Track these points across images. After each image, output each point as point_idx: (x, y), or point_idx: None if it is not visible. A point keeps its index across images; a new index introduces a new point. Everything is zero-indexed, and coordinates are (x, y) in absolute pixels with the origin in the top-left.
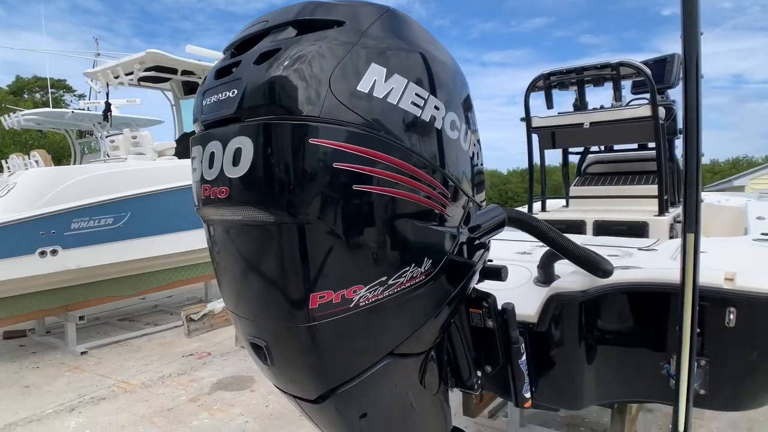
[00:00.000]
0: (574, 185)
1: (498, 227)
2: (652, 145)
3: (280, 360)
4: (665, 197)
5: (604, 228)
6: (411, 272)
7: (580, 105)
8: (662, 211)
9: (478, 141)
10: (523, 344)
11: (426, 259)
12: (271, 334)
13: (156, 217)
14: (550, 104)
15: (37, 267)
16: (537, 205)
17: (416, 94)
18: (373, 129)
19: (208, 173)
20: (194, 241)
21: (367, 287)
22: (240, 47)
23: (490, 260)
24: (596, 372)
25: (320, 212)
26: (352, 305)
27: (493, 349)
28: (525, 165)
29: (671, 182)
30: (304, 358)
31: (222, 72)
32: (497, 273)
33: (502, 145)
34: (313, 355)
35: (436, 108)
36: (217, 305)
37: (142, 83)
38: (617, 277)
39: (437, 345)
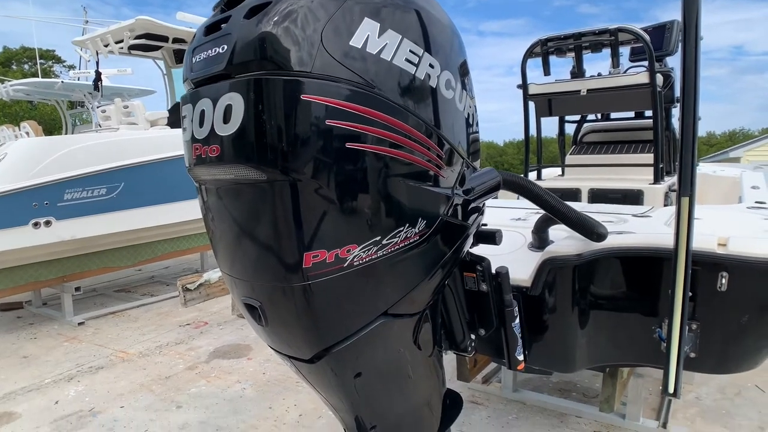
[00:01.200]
0: (570, 154)
1: (493, 190)
2: (648, 113)
3: (274, 320)
4: (661, 165)
5: (599, 196)
6: (405, 233)
7: (578, 72)
8: (657, 179)
9: (475, 107)
10: (516, 307)
11: (420, 219)
12: (265, 295)
13: (150, 187)
14: (547, 71)
15: (32, 238)
16: (533, 174)
17: (410, 51)
18: (366, 86)
19: (199, 132)
20: (189, 211)
21: (361, 247)
22: (230, 3)
23: (484, 224)
24: (589, 336)
25: (313, 170)
26: (346, 264)
27: (486, 312)
28: (521, 137)
29: (667, 151)
30: (298, 317)
31: (211, 28)
32: (491, 237)
33: (498, 116)
34: (308, 314)
35: (431, 66)
36: (213, 275)
37: (132, 52)
38: (611, 241)
39: (431, 306)
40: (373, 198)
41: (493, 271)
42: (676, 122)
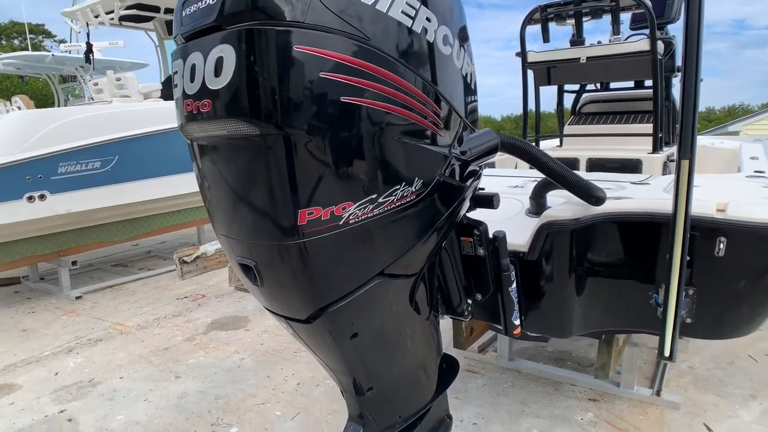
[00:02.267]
0: (569, 124)
1: (491, 152)
2: (648, 83)
3: (269, 280)
4: (660, 135)
5: (597, 165)
6: (401, 191)
7: (577, 38)
8: (656, 148)
9: (474, 73)
10: (513, 272)
11: (417, 178)
12: (260, 254)
13: (144, 160)
14: (546, 38)
15: (26, 212)
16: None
17: (407, 4)
18: (361, 38)
19: (190, 87)
20: (184, 184)
21: (357, 204)
22: None
23: (482, 188)
24: (585, 301)
25: (306, 124)
26: (341, 222)
27: (483, 277)
28: (520, 111)
29: (666, 121)
30: (293, 277)
31: None
32: (489, 200)
33: (496, 90)
34: (303, 273)
35: (428, 20)
36: (210, 248)
37: (123, 23)
38: (609, 206)
39: (428, 269)
40: (369, 154)
41: (490, 235)
42: (676, 93)
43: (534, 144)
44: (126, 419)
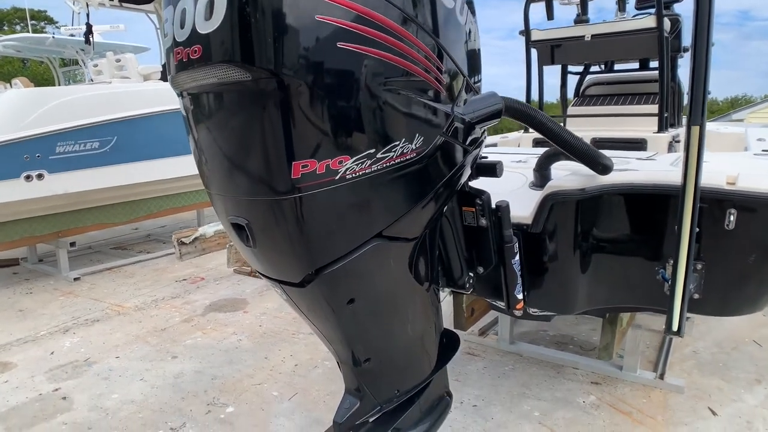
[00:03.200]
0: (572, 105)
1: (495, 115)
2: (653, 65)
3: (262, 240)
4: (665, 115)
5: (601, 145)
6: (401, 147)
7: (582, 14)
8: (662, 128)
9: (478, 35)
10: (516, 244)
11: (417, 135)
12: (252, 211)
13: (143, 141)
14: (550, 15)
15: (24, 191)
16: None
17: None
18: None
19: (180, 34)
20: (184, 167)
21: (354, 159)
22: None
23: (485, 157)
24: (589, 276)
25: (300, 69)
26: (337, 177)
27: (485, 249)
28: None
29: (672, 103)
30: (287, 235)
31: None
32: (492, 168)
33: (499, 80)
34: (297, 231)
35: None
36: (209, 229)
37: (124, 4)
38: (616, 178)
39: (429, 235)
40: (367, 106)
41: (493, 205)
42: (681, 75)
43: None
44: (121, 398)
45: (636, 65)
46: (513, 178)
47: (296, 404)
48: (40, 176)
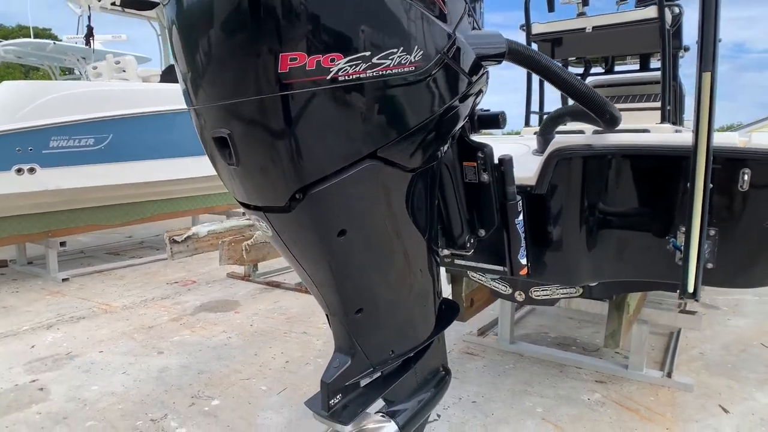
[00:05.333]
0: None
1: (497, 56)
2: (653, 65)
3: (246, 153)
4: (668, 108)
5: None
6: (398, 57)
7: (584, 4)
8: (665, 119)
9: None
10: (520, 202)
11: (417, 48)
12: (235, 118)
13: (140, 141)
14: (551, 6)
15: (14, 185)
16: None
17: None
18: None
19: None
20: (181, 170)
21: (348, 59)
22: None
23: (487, 110)
24: (595, 244)
25: None
26: (329, 77)
27: (488, 208)
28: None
29: (673, 101)
30: (272, 142)
31: None
32: (494, 120)
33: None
34: (283, 137)
35: None
36: (202, 229)
37: (126, 10)
38: (625, 139)
39: (430, 178)
40: (365, 1)
41: (496, 160)
42: (681, 72)
43: (539, 118)
44: (101, 390)
45: (636, 66)
46: (515, 148)
47: (285, 398)
48: (31, 170)
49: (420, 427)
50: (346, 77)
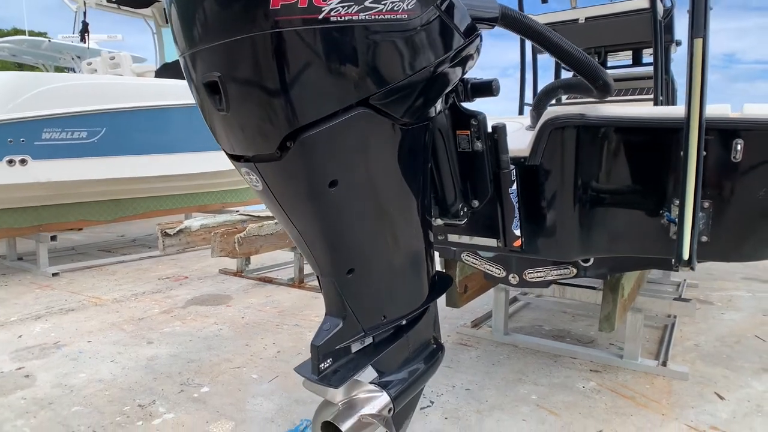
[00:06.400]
0: (566, 98)
1: (491, 20)
2: (646, 61)
3: (236, 97)
4: (660, 98)
5: None
6: (391, 3)
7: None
8: (657, 104)
9: None
10: (513, 170)
11: None
12: (225, 59)
13: (133, 135)
14: None
15: (5, 176)
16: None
17: None
18: None
19: None
20: (175, 166)
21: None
22: None
23: (480, 78)
24: (589, 217)
25: None
26: (321, 17)
27: (481, 177)
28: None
29: (665, 95)
30: (263, 82)
31: None
32: (488, 87)
33: (493, 70)
34: (274, 77)
35: None
36: (194, 222)
37: (122, 7)
38: (618, 111)
39: (424, 138)
40: None
41: (489, 128)
42: (673, 66)
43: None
44: (88, 377)
45: (628, 62)
46: (509, 124)
47: (276, 386)
48: (23, 161)
49: (412, 401)
50: (338, 18)
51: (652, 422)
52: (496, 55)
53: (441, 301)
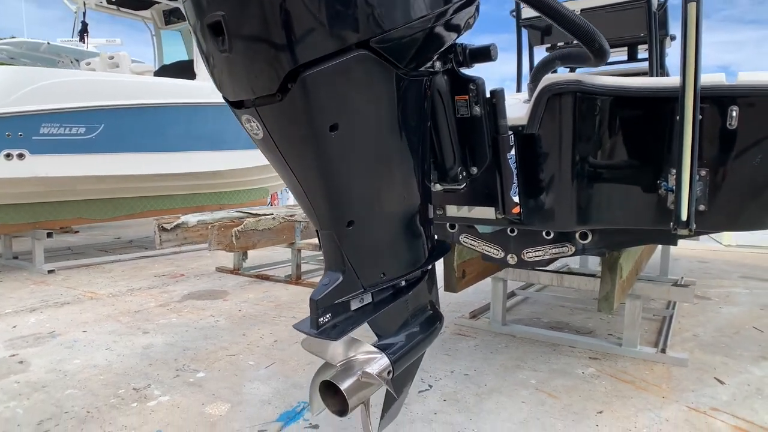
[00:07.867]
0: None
1: None
2: (641, 56)
3: (239, 35)
4: None
5: None
6: None
7: None
8: None
9: None
10: (512, 135)
11: None
12: None
13: (131, 133)
14: None
15: (2, 170)
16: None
17: None
18: None
19: None
20: (172, 164)
21: None
22: None
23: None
24: (587, 187)
25: None
26: None
27: (480, 143)
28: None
29: None
30: (264, 20)
31: None
32: (486, 52)
33: (489, 67)
34: (276, 15)
35: None
36: (192, 218)
37: (121, 9)
38: (615, 82)
39: (423, 84)
40: None
41: (488, 94)
42: (668, 61)
43: None
44: (83, 363)
45: (624, 57)
46: (507, 98)
47: (273, 372)
48: (21, 156)
49: (411, 367)
50: None
51: (653, 404)
52: (493, 66)
53: (440, 288)
